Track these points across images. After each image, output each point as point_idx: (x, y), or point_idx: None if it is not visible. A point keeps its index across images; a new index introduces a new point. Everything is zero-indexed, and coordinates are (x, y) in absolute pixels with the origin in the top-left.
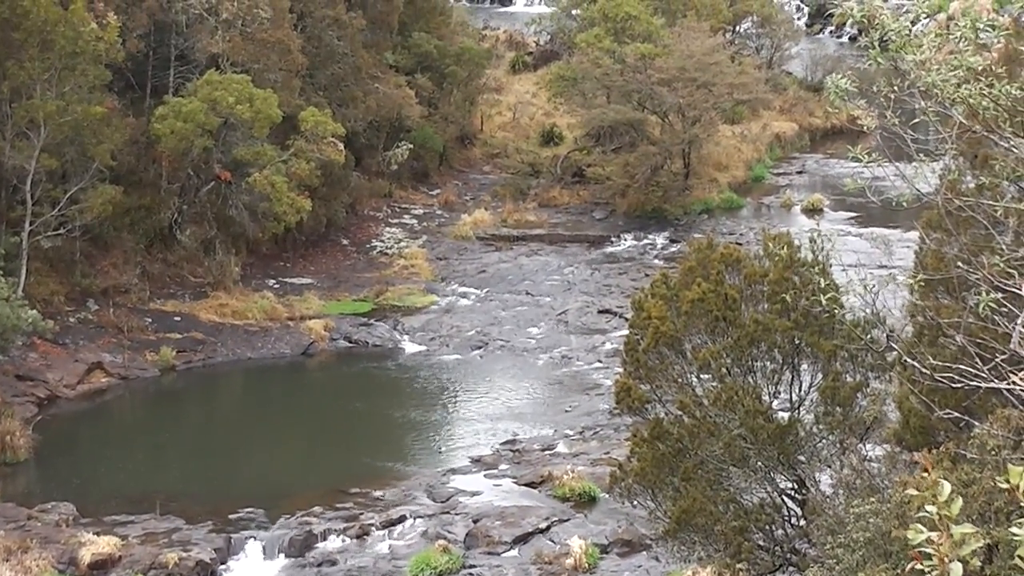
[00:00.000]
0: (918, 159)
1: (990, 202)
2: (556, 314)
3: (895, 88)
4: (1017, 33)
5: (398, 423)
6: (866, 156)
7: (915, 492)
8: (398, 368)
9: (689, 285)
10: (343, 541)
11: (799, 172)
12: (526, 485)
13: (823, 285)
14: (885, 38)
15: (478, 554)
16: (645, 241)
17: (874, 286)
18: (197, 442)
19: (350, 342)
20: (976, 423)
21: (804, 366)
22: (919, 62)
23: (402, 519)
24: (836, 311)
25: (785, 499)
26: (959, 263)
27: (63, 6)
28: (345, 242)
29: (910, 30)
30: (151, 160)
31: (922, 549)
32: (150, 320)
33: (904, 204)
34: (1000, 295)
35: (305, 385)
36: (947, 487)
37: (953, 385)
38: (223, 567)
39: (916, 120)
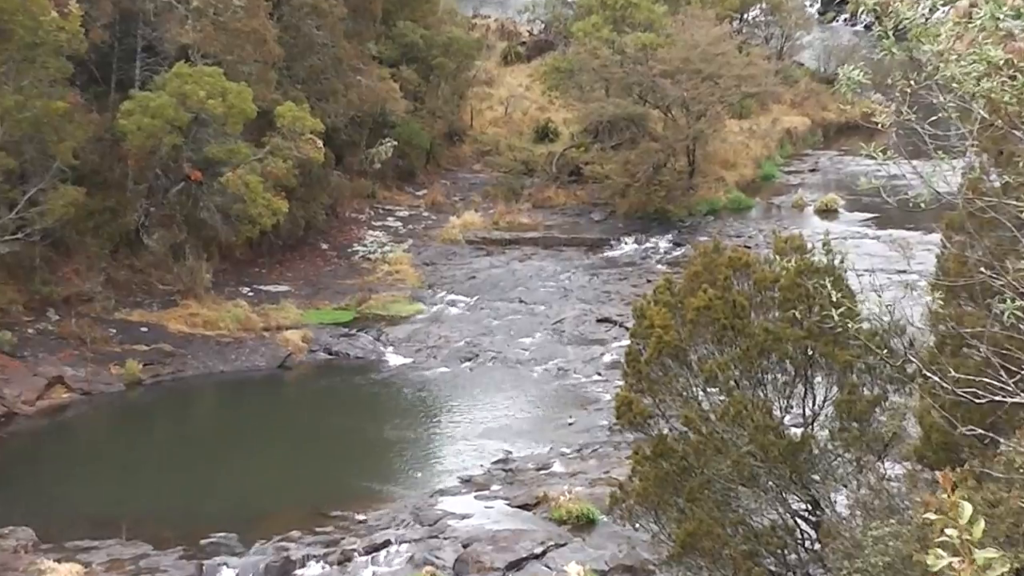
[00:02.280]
0: (937, 156)
1: (1015, 202)
2: (551, 323)
3: (912, 81)
4: None
5: (382, 441)
6: (881, 153)
7: (935, 514)
8: (382, 382)
9: (694, 291)
10: (323, 568)
11: (812, 170)
12: (520, 507)
13: (836, 297)
14: (901, 27)
15: None
16: (647, 244)
17: (882, 292)
18: (166, 462)
19: (330, 354)
20: (1002, 440)
21: (818, 378)
22: (937, 53)
23: (386, 544)
24: (850, 324)
25: (798, 521)
26: (982, 268)
27: None
28: (325, 246)
29: (927, 18)
30: (116, 159)
31: None
32: (115, 331)
33: (923, 205)
34: None
35: (282, 400)
36: (968, 508)
37: (977, 399)
38: None
39: (935, 115)
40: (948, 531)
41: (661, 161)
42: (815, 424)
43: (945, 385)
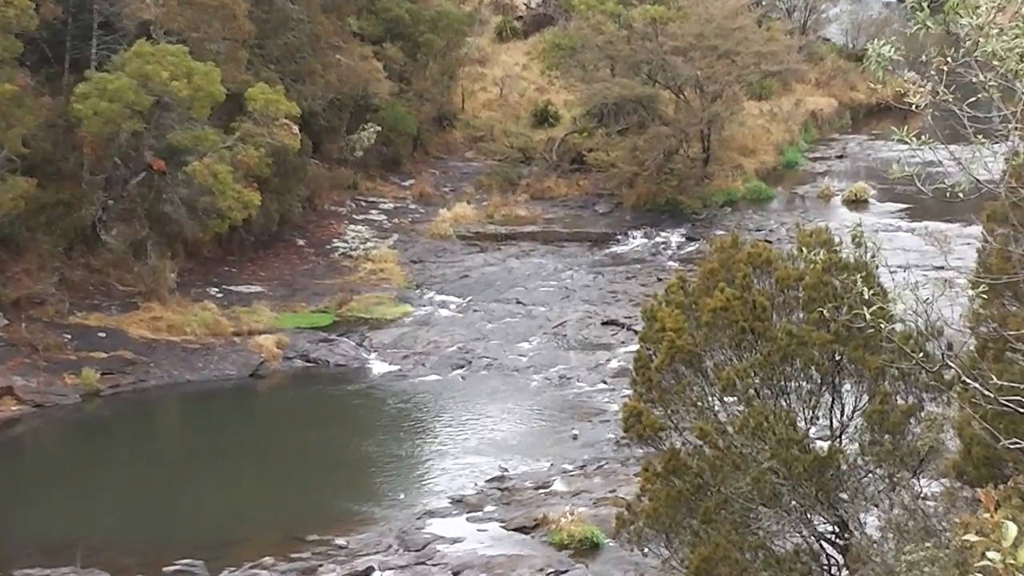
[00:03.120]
0: (977, 141)
1: None
2: (552, 326)
3: (949, 58)
4: None
5: (364, 457)
6: (916, 138)
7: (976, 536)
8: (365, 392)
9: (710, 291)
10: None
11: (839, 157)
12: (516, 530)
13: (867, 296)
14: None
15: None
16: (657, 239)
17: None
18: (126, 481)
19: (308, 361)
20: None
21: (847, 386)
22: (977, 27)
23: (369, 571)
24: (883, 325)
25: (824, 544)
26: None
27: None
28: (301, 242)
29: None
30: (71, 147)
31: None
32: (70, 336)
33: (961, 194)
34: None
35: (254, 412)
36: (1012, 529)
37: (1022, 409)
38: None
39: (975, 96)
40: (990, 555)
41: (673, 147)
42: (843, 437)
43: (987, 393)
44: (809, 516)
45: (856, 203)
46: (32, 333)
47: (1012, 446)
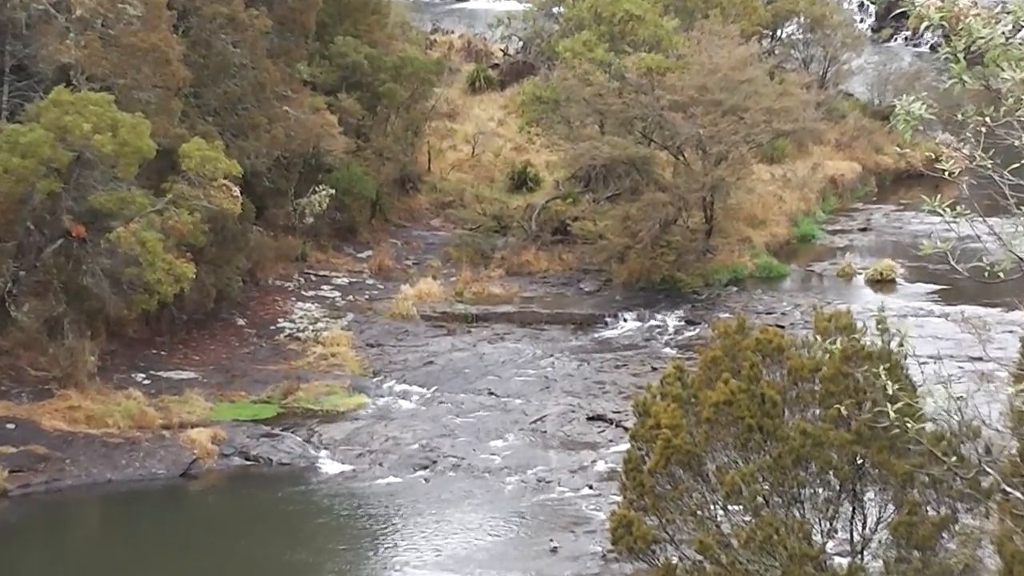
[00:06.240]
0: (1020, 213)
1: None
2: (530, 422)
3: (988, 117)
4: None
5: (312, 574)
6: (950, 209)
7: None
8: (313, 496)
9: (712, 383)
10: None
11: (862, 229)
12: None
13: (892, 391)
14: (974, 48)
15: None
16: (652, 322)
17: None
18: None
19: (247, 459)
20: None
21: (869, 494)
22: (1021, 81)
23: None
24: (911, 424)
25: None
26: None
27: None
28: (242, 322)
29: (1008, 37)
30: None
31: None
32: None
33: (1002, 274)
34: None
35: (185, 520)
36: None
37: None
38: None
39: (1018, 161)
40: None
41: (670, 217)
42: (866, 553)
43: None
44: None
45: (881, 283)
46: None
47: None
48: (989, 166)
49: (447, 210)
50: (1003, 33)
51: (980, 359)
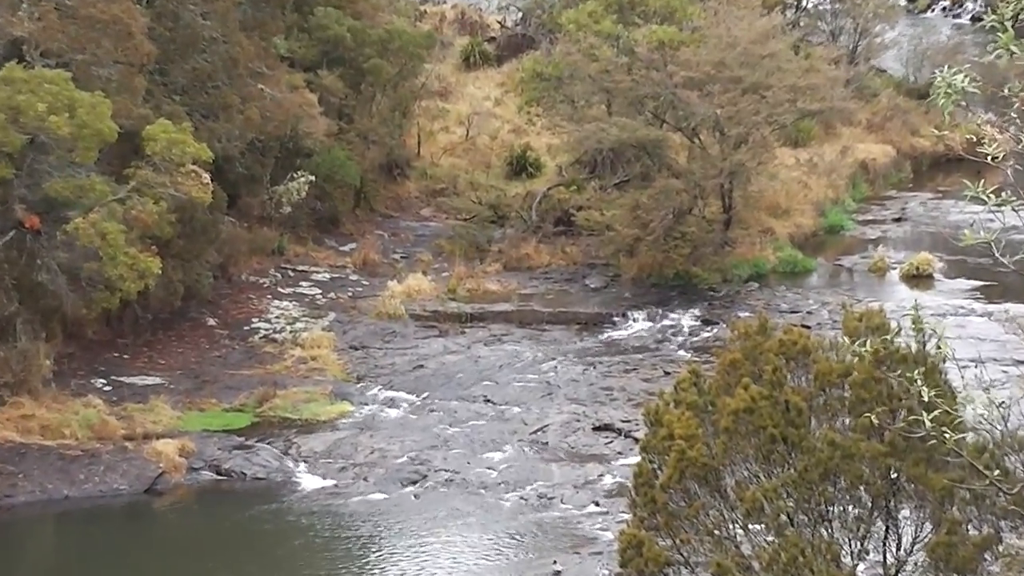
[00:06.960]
0: None
1: None
2: (530, 432)
3: None
4: None
5: None
6: (994, 196)
7: None
8: (291, 514)
9: (731, 389)
10: None
11: (896, 219)
12: None
13: (929, 397)
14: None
15: None
16: (664, 322)
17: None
18: None
19: (219, 473)
20: None
21: (905, 512)
22: None
23: None
24: (949, 435)
25: None
26: None
27: None
28: (212, 322)
29: None
30: None
31: None
32: None
33: None
34: None
35: (149, 541)
36: None
37: None
38: None
39: None
40: None
41: (685, 206)
42: (901, 575)
43: None
44: None
45: (918, 279)
46: None
47: None
48: None
49: (439, 198)
50: None
51: None
